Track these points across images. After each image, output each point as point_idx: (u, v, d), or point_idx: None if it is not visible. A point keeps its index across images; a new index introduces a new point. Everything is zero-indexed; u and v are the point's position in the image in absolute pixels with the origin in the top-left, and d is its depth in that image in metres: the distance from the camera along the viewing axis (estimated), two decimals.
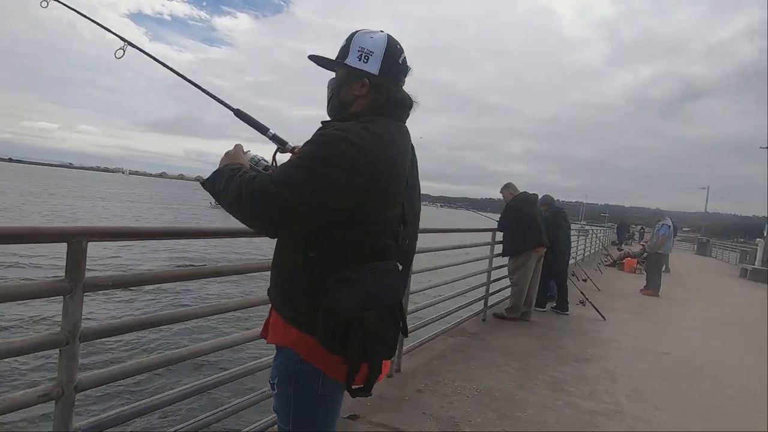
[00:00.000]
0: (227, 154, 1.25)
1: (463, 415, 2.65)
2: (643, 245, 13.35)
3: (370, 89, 1.16)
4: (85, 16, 1.58)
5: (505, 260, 5.15)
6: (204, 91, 1.44)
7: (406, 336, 1.25)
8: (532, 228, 4.93)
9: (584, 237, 12.45)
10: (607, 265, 11.91)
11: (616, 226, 25.37)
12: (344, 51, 1.18)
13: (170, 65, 1.53)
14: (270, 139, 1.36)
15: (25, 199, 31.04)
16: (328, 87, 1.24)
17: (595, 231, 15.97)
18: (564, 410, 2.85)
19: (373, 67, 1.15)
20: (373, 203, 1.08)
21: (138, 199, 50.14)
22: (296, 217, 1.05)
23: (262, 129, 1.36)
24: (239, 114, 1.38)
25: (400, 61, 1.19)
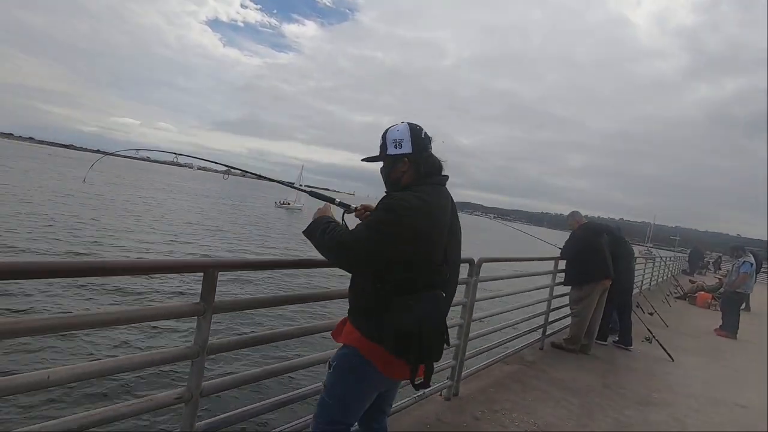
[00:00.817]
0: (319, 209, 1.70)
1: None
2: (719, 279, 12.26)
3: (410, 165, 1.58)
4: (261, 177, 2.28)
5: (566, 288, 5.05)
6: (283, 183, 2.27)
7: (449, 346, 1.54)
8: (598, 259, 4.79)
9: (651, 263, 11.67)
10: (677, 297, 11.07)
11: (688, 252, 23.41)
12: (383, 147, 1.62)
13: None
14: (338, 206, 1.78)
15: (109, 189, 34.51)
16: (381, 174, 1.67)
17: (663, 258, 14.88)
18: None
19: (407, 148, 1.57)
20: (421, 250, 1.46)
21: (207, 193, 54.03)
22: (367, 261, 1.46)
23: (330, 200, 1.80)
24: (313, 193, 1.89)
25: (423, 136, 1.60)
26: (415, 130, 1.58)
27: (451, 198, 1.61)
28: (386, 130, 1.61)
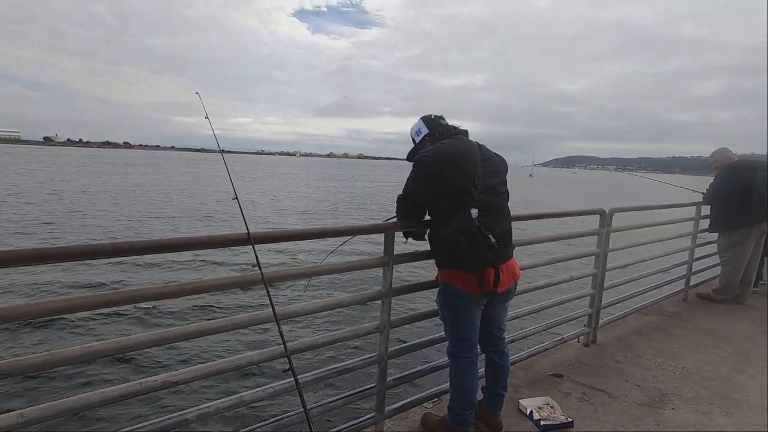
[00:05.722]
0: None
1: (671, 388, 2.75)
2: None
3: (431, 138, 2.03)
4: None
5: (712, 235, 4.65)
6: None
7: (496, 249, 1.80)
8: (753, 200, 4.30)
9: None
10: None
11: None
12: (413, 140, 2.11)
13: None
14: None
15: (235, 182, 40.16)
16: (410, 159, 2.05)
17: None
18: None
19: (425, 131, 2.06)
20: (447, 182, 1.84)
21: (329, 177, 59.29)
22: (414, 207, 1.94)
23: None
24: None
25: (433, 117, 2.08)
26: (425, 117, 2.09)
27: (479, 144, 2.00)
28: (410, 130, 2.13)
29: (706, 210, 4.57)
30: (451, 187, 1.84)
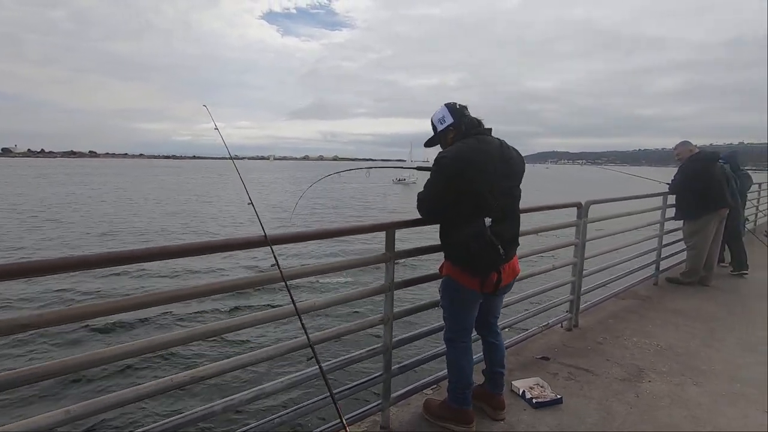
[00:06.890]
0: None
1: (647, 364, 3.00)
2: None
3: (455, 129, 2.04)
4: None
5: (678, 223, 5.00)
6: None
7: (503, 258, 1.94)
8: (713, 189, 4.67)
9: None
10: None
11: None
12: (434, 128, 2.11)
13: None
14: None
15: (210, 187, 39.60)
16: (441, 147, 2.10)
17: None
18: (757, 368, 2.94)
19: (449, 120, 2.04)
20: (466, 185, 1.89)
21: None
22: (433, 207, 2.00)
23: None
24: (420, 168, 2.37)
25: (458, 107, 2.07)
26: (450, 105, 2.07)
27: (500, 142, 2.02)
28: (432, 117, 2.12)
29: (671, 199, 4.92)
30: (473, 187, 1.89)
